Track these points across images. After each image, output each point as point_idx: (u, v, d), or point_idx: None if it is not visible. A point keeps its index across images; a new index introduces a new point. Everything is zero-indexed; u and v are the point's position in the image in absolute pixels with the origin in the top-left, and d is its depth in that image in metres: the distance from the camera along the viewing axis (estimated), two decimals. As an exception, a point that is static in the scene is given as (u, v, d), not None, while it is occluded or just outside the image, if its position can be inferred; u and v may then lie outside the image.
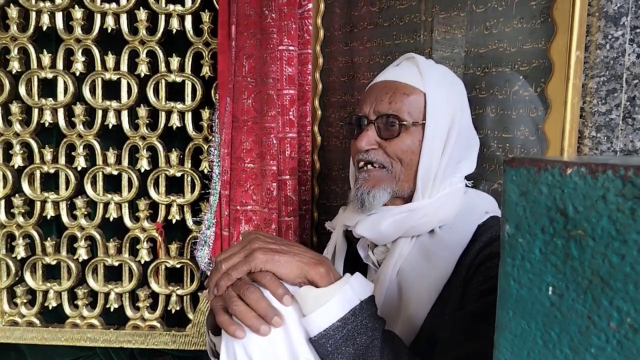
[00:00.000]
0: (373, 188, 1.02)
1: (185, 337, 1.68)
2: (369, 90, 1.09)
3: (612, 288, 0.43)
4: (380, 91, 1.05)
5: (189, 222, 1.66)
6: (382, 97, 1.04)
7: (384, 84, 1.06)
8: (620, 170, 0.41)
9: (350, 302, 0.81)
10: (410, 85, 1.03)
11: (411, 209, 1.03)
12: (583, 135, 1.13)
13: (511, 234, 0.49)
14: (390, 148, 1.02)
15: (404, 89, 1.03)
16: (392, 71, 1.09)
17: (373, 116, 1.04)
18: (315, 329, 0.80)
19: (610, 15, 1.08)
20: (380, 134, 1.03)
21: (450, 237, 1.00)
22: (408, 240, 1.03)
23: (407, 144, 1.02)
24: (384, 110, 1.03)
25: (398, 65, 1.10)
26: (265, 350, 0.80)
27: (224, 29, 1.51)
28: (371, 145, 1.03)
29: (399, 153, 1.02)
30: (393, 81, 1.06)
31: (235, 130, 1.49)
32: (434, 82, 1.04)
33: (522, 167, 0.48)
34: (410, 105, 1.02)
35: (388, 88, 1.05)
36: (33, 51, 1.62)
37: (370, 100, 1.06)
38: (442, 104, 1.03)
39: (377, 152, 1.04)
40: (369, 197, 1.02)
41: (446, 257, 0.98)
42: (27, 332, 1.70)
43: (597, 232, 0.43)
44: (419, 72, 1.05)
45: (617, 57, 1.08)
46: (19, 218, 1.68)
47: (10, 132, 1.65)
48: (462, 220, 1.02)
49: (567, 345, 0.46)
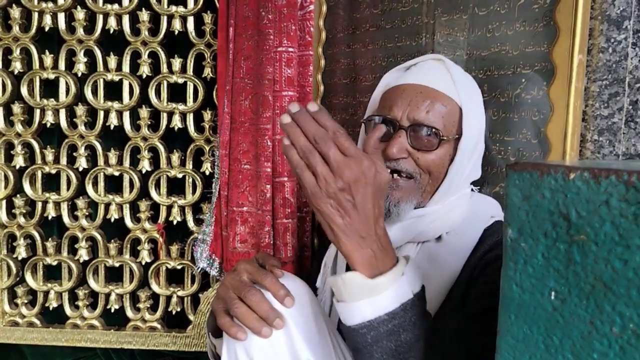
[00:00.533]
0: (401, 199, 0.98)
1: (185, 338, 1.68)
2: (399, 92, 1.02)
3: (615, 293, 0.43)
4: (415, 97, 0.99)
5: (190, 223, 1.66)
6: (419, 105, 0.98)
7: (419, 89, 1.00)
8: (623, 175, 0.41)
9: (404, 295, 0.75)
10: (447, 96, 0.99)
11: (420, 215, 1.01)
12: (585, 139, 1.13)
13: (514, 238, 0.49)
14: (423, 160, 0.98)
15: (441, 99, 0.99)
16: (422, 73, 1.03)
17: (406, 122, 0.98)
18: (357, 318, 0.74)
19: (612, 18, 1.08)
20: (411, 143, 0.98)
21: (457, 242, 0.99)
22: (414, 246, 1.02)
23: (440, 158, 0.99)
24: (420, 119, 0.97)
25: (425, 66, 1.04)
26: (267, 352, 0.80)
27: (223, 31, 1.51)
28: (402, 154, 0.98)
29: (432, 166, 0.99)
30: (428, 87, 1.00)
31: (233, 131, 1.49)
32: (468, 94, 1.01)
33: (525, 172, 0.48)
34: (447, 119, 0.98)
35: (425, 95, 0.99)
36: (35, 52, 1.62)
37: (402, 104, 0.99)
38: (475, 120, 1.01)
39: (408, 162, 0.99)
40: (398, 209, 0.98)
41: (452, 262, 0.97)
42: (27, 333, 1.70)
43: (600, 237, 0.43)
44: (452, 80, 1.01)
45: (620, 61, 1.08)
46: (20, 218, 1.68)
47: (12, 133, 1.65)
48: (469, 225, 1.01)
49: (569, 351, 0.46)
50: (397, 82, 1.05)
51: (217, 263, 1.57)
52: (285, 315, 0.81)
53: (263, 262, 0.89)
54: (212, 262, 1.57)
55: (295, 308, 0.82)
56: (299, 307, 0.83)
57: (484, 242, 0.98)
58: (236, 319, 0.81)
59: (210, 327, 0.98)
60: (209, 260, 1.57)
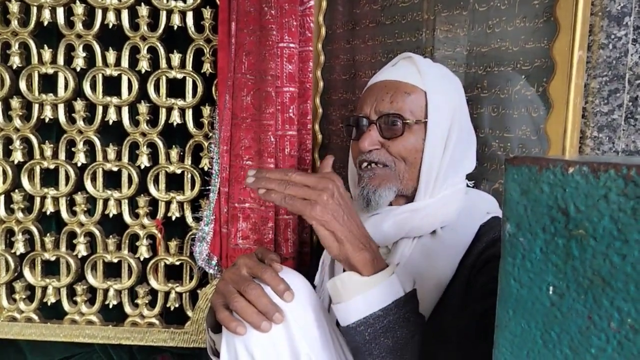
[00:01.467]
0: (379, 187, 1.02)
1: (184, 334, 1.68)
2: (368, 90, 1.09)
3: (613, 288, 0.42)
4: (380, 91, 1.05)
5: (189, 219, 1.66)
6: (383, 97, 1.03)
7: (384, 83, 1.06)
8: (622, 169, 0.41)
9: (396, 293, 0.80)
10: (411, 84, 1.03)
11: (413, 209, 1.03)
12: (585, 136, 1.13)
13: (512, 233, 0.49)
14: (394, 147, 1.02)
15: (404, 88, 1.03)
16: (390, 71, 1.09)
17: (374, 116, 1.04)
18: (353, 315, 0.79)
19: (613, 15, 1.08)
20: (382, 134, 1.03)
21: (452, 238, 1.00)
22: (409, 241, 1.03)
23: (410, 143, 1.02)
24: (385, 109, 1.02)
25: (395, 65, 1.10)
26: (266, 347, 0.80)
27: (224, 26, 1.50)
28: (374, 146, 1.03)
29: (403, 152, 1.02)
30: (393, 80, 1.05)
31: (234, 127, 1.49)
32: (434, 81, 1.04)
33: (524, 166, 0.47)
34: (412, 104, 1.02)
35: (388, 88, 1.04)
36: (34, 46, 1.62)
37: (370, 100, 1.05)
38: (443, 102, 1.03)
39: (380, 152, 1.03)
40: (375, 196, 1.01)
41: (448, 257, 0.97)
42: (25, 328, 1.70)
43: (599, 231, 0.43)
44: (418, 71, 1.04)
45: (620, 57, 1.08)
46: (19, 214, 1.68)
47: (11, 128, 1.65)
48: (464, 220, 1.02)
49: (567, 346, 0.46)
50: (368, 84, 1.12)
51: (215, 261, 1.56)
52: (285, 309, 0.81)
53: (262, 257, 0.89)
54: (210, 260, 1.57)
55: (294, 303, 0.82)
56: (298, 302, 0.83)
57: (481, 238, 0.98)
58: (235, 313, 0.81)
59: (209, 322, 0.98)
60: (208, 259, 1.56)
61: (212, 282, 1.63)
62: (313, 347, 0.82)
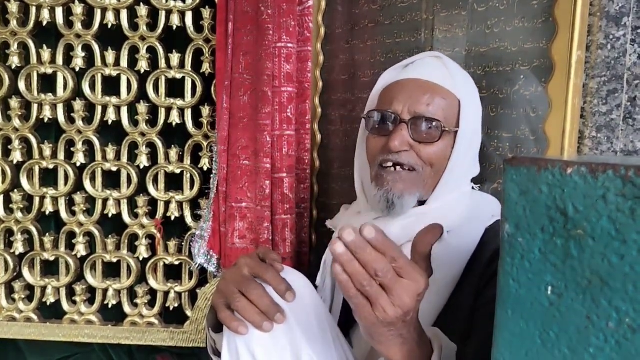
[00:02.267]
0: (404, 191, 0.98)
1: (183, 334, 1.68)
2: (399, 86, 1.03)
3: (612, 288, 0.43)
4: (416, 90, 1.00)
5: (188, 219, 1.66)
6: (420, 98, 0.99)
7: (418, 82, 1.01)
8: (620, 170, 0.41)
9: None
10: (446, 89, 1.00)
11: (421, 213, 1.01)
12: (583, 136, 1.13)
13: (511, 234, 0.49)
14: (426, 152, 0.99)
15: (441, 92, 1.00)
16: (421, 69, 1.04)
17: (407, 115, 0.99)
18: None
19: (611, 15, 1.08)
20: (413, 136, 0.98)
21: (458, 243, 0.98)
22: None
23: (441, 150, 0.99)
24: (421, 111, 0.98)
25: (424, 63, 1.05)
26: (268, 346, 0.80)
27: (222, 26, 1.50)
28: (404, 147, 0.98)
29: (434, 158, 0.99)
30: (428, 81, 1.01)
31: (232, 127, 1.49)
32: (465, 88, 1.03)
33: (523, 167, 0.48)
34: (446, 111, 0.99)
35: (425, 89, 1.00)
36: (33, 46, 1.62)
37: (402, 97, 1.00)
38: (473, 112, 1.02)
39: (410, 155, 0.99)
40: (401, 201, 0.98)
41: (454, 262, 0.96)
42: (24, 328, 1.70)
43: (597, 232, 0.43)
44: (450, 75, 1.02)
45: (619, 58, 1.08)
46: (18, 213, 1.68)
47: (10, 127, 1.65)
48: (469, 224, 1.00)
49: (566, 345, 0.46)
50: (396, 78, 1.05)
51: (215, 259, 1.56)
52: (286, 309, 0.81)
53: (264, 257, 0.88)
54: (210, 259, 1.57)
55: (296, 303, 0.82)
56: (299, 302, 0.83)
57: (487, 243, 0.96)
58: (237, 313, 0.81)
59: (210, 322, 0.98)
60: (207, 257, 1.57)
61: (212, 282, 1.63)
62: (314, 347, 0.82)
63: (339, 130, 1.55)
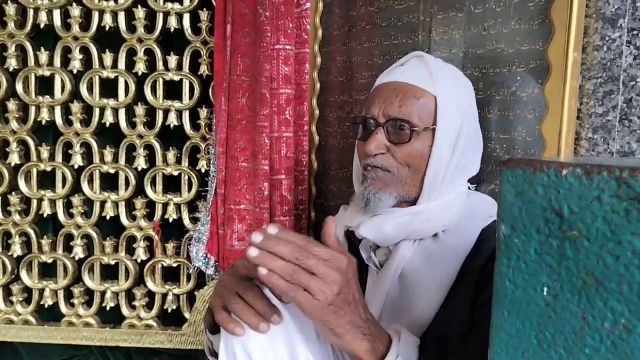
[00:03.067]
0: (379, 190, 1.01)
1: (181, 336, 1.68)
2: (377, 90, 1.06)
3: (607, 289, 0.43)
4: (390, 93, 1.02)
5: (186, 221, 1.66)
6: (392, 100, 1.01)
7: (393, 85, 1.03)
8: (615, 171, 0.42)
9: None
10: (421, 88, 1.01)
11: (415, 212, 1.02)
12: (580, 137, 1.13)
13: (507, 234, 0.49)
14: (400, 153, 1.00)
15: (414, 92, 1.01)
16: (400, 71, 1.06)
17: (382, 119, 1.01)
18: None
19: (607, 16, 1.09)
20: (389, 138, 1.01)
21: (454, 242, 0.99)
22: (411, 243, 1.02)
23: (416, 149, 1.00)
24: (394, 114, 1.00)
25: (406, 65, 1.07)
26: (265, 348, 0.80)
27: (220, 28, 1.51)
28: (380, 150, 1.01)
29: (408, 158, 1.00)
30: (403, 83, 1.02)
31: (230, 129, 1.49)
32: (445, 85, 1.02)
33: (518, 168, 0.48)
34: (420, 110, 1.00)
35: (398, 90, 1.02)
36: (30, 48, 1.62)
37: (379, 101, 1.03)
38: (452, 108, 1.01)
39: (385, 157, 1.01)
40: (375, 199, 1.00)
41: (449, 261, 0.97)
42: (22, 331, 1.70)
43: (592, 232, 0.43)
44: (429, 73, 1.02)
45: (614, 59, 1.09)
46: (15, 216, 1.67)
47: (7, 130, 1.65)
48: (466, 224, 1.01)
49: (562, 346, 0.46)
50: (377, 83, 1.09)
51: (212, 262, 1.57)
52: (283, 311, 0.81)
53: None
54: (208, 261, 1.57)
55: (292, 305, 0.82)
56: None
57: (484, 243, 0.97)
58: (234, 314, 0.81)
59: (207, 323, 0.98)
60: (205, 259, 1.57)
61: (210, 284, 1.63)
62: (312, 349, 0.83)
63: (336, 132, 1.56)
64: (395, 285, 1.01)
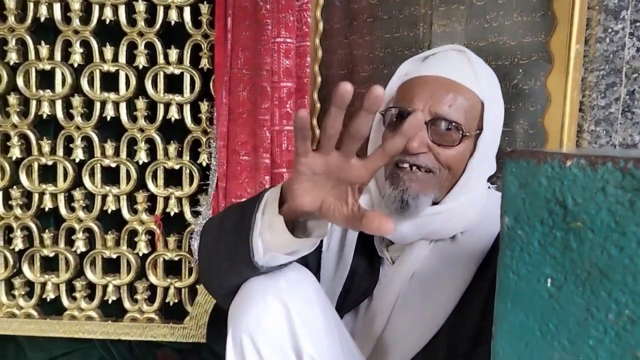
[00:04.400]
0: (419, 192, 0.93)
1: (183, 329, 1.68)
2: (421, 83, 0.96)
3: (611, 280, 0.43)
4: (438, 89, 0.94)
5: (187, 214, 1.66)
6: (441, 98, 0.93)
7: (440, 81, 0.95)
8: (620, 162, 0.41)
9: None
10: (469, 89, 0.94)
11: (436, 212, 0.96)
12: (582, 129, 1.13)
13: (510, 226, 0.49)
14: (444, 155, 0.93)
15: (464, 92, 0.94)
16: (444, 65, 0.98)
17: (428, 116, 0.93)
18: None
19: (610, 8, 1.08)
20: (433, 138, 0.93)
21: (472, 244, 0.96)
22: (426, 243, 0.99)
23: (460, 153, 0.94)
24: (443, 113, 0.92)
25: (446, 58, 1.00)
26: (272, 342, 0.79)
27: (220, 21, 1.50)
28: (423, 149, 0.92)
29: (452, 161, 0.94)
30: (450, 80, 0.95)
31: (231, 122, 1.49)
32: (489, 88, 0.97)
33: (522, 159, 0.48)
34: (469, 113, 0.94)
35: (447, 88, 0.94)
36: (31, 42, 1.61)
37: (424, 96, 0.94)
38: (496, 114, 0.97)
39: (428, 157, 0.93)
40: (415, 202, 0.93)
41: (465, 264, 0.94)
42: (25, 324, 1.70)
43: (596, 224, 0.43)
44: (474, 74, 0.96)
45: (617, 51, 1.08)
46: (17, 210, 1.68)
47: (8, 124, 1.65)
48: (484, 226, 0.97)
49: (565, 337, 0.46)
50: (416, 72, 0.99)
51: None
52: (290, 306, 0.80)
53: None
54: (210, 254, 1.57)
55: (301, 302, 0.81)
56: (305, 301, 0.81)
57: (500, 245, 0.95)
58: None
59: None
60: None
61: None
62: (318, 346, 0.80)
63: (337, 125, 1.55)
64: (407, 285, 0.98)
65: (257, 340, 0.79)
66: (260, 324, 0.79)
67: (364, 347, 0.98)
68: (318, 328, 0.81)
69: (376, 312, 1.01)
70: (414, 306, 0.96)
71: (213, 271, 0.91)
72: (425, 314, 0.94)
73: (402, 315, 0.97)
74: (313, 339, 0.80)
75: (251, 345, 0.79)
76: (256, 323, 0.79)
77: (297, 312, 0.80)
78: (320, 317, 0.82)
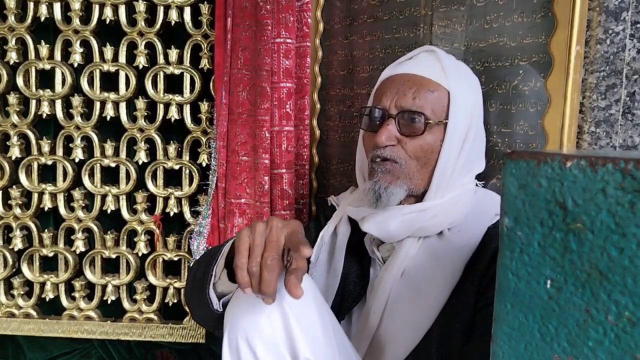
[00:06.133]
0: (390, 184, 0.99)
1: (182, 329, 1.68)
2: (389, 82, 1.04)
3: (611, 281, 0.43)
4: (402, 85, 1.00)
5: (187, 215, 1.66)
6: (406, 92, 0.99)
7: (406, 77, 1.02)
8: (620, 163, 0.41)
9: None
10: (435, 82, 1.00)
11: (422, 209, 1.00)
12: (582, 131, 1.13)
13: (510, 227, 0.49)
14: (411, 145, 0.99)
15: (428, 84, 1.00)
16: (412, 64, 1.04)
17: (394, 110, 1.00)
18: None
19: (610, 10, 1.08)
20: (400, 130, 0.99)
21: (460, 240, 0.98)
22: (415, 241, 1.01)
23: (428, 143, 0.99)
24: (407, 105, 0.98)
25: (417, 58, 1.06)
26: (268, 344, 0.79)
27: (220, 22, 1.50)
28: (391, 141, 0.99)
29: (419, 151, 0.99)
30: (416, 75, 1.01)
31: (230, 123, 1.49)
32: (458, 80, 1.01)
33: (522, 160, 0.48)
34: (434, 103, 0.99)
35: (412, 82, 1.00)
36: (31, 42, 1.61)
37: (391, 93, 1.01)
38: (464, 104, 1.01)
39: (395, 149, 0.99)
40: (387, 193, 0.98)
41: (455, 260, 0.95)
42: (24, 324, 1.70)
43: (596, 225, 0.43)
44: (442, 68, 1.01)
45: (617, 52, 1.08)
46: (17, 209, 1.67)
47: (8, 124, 1.65)
48: (472, 222, 1.00)
49: (565, 339, 0.46)
50: (388, 75, 1.06)
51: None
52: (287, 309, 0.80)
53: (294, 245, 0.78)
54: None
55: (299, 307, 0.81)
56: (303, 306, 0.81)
57: (489, 242, 0.95)
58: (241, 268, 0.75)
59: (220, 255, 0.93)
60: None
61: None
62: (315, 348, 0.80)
63: (337, 126, 1.55)
64: (398, 282, 1.00)
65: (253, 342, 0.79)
66: (256, 325, 0.79)
67: (359, 347, 0.99)
68: (315, 330, 0.81)
69: (369, 313, 1.02)
70: (405, 304, 0.98)
71: (194, 314, 1.02)
72: (417, 311, 0.96)
73: (395, 314, 0.98)
74: (309, 341, 0.80)
75: (247, 348, 0.79)
76: (252, 325, 0.79)
77: (294, 314, 0.79)
78: (317, 319, 0.82)
